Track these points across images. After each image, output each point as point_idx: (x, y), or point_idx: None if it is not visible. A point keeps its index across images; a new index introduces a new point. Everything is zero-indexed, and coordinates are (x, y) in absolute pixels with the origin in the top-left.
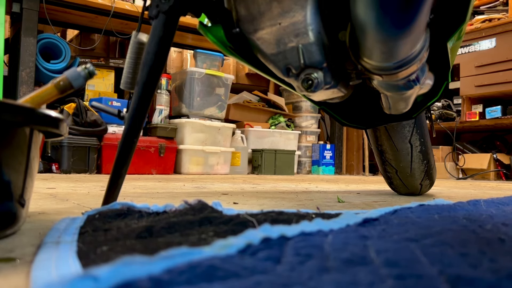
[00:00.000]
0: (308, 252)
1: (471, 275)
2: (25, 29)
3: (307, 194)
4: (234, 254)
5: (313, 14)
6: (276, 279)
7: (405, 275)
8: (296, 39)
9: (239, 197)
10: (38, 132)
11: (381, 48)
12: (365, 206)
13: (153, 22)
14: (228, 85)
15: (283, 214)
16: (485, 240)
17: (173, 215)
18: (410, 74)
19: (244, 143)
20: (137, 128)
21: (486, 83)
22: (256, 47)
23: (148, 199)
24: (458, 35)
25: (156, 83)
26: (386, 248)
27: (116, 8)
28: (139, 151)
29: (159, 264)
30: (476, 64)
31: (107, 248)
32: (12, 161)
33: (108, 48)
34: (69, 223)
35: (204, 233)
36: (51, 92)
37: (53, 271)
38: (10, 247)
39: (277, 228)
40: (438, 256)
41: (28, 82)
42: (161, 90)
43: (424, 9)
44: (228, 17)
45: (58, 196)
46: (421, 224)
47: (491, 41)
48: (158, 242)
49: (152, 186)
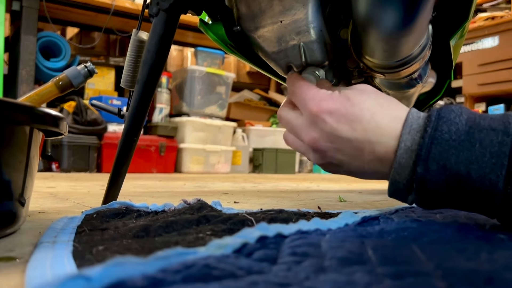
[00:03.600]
0: (305, 251)
1: (467, 267)
2: (25, 27)
3: (309, 193)
4: (230, 254)
5: (315, 12)
6: (272, 279)
7: (402, 273)
8: (298, 37)
9: (240, 196)
10: (38, 131)
11: (383, 46)
12: (367, 205)
13: (153, 20)
14: (229, 83)
15: (282, 212)
16: (485, 238)
17: (171, 214)
18: (413, 72)
19: (245, 142)
20: (138, 127)
21: (489, 82)
22: (257, 45)
23: (148, 198)
24: (461, 33)
25: (157, 81)
26: (384, 247)
27: (116, 6)
28: (140, 150)
29: (154, 264)
30: (479, 63)
31: (103, 248)
32: (12, 160)
33: (108, 46)
34: (66, 222)
35: (202, 232)
36: (51, 91)
37: (48, 271)
38: (10, 246)
39: (273, 227)
40: (435, 252)
41: (28, 81)
42: (162, 88)
43: (426, 7)
44: (229, 15)
45: (58, 195)
46: (421, 223)
47: (494, 39)
48: (155, 242)
49: (153, 185)
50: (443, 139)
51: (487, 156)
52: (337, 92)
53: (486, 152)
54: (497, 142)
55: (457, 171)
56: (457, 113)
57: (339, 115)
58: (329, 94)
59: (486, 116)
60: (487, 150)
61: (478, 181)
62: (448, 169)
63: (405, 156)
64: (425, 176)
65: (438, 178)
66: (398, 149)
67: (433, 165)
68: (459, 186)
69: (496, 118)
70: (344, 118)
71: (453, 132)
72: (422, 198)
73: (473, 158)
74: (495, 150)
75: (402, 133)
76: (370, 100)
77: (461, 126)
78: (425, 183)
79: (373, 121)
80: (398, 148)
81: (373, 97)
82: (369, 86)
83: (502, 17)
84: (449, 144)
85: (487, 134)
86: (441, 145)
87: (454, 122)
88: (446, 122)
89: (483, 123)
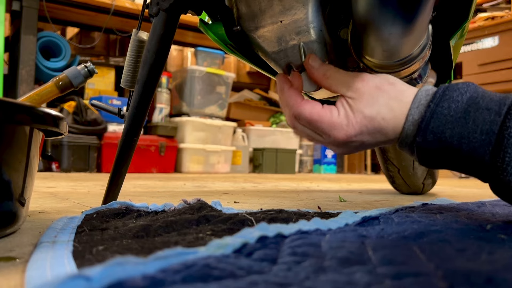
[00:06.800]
0: (305, 251)
1: (468, 268)
2: (25, 27)
3: (309, 193)
4: (230, 254)
5: (315, 12)
6: (272, 279)
7: (402, 274)
8: (298, 36)
9: (240, 196)
10: (38, 131)
11: (383, 46)
12: (367, 205)
13: (153, 20)
14: (229, 83)
15: (282, 212)
16: (485, 238)
17: (171, 214)
18: (413, 72)
19: (245, 141)
20: (138, 127)
21: (489, 82)
22: (257, 45)
23: (148, 198)
24: (461, 33)
25: (157, 81)
26: (384, 247)
27: (116, 6)
28: (140, 150)
29: (153, 264)
30: (479, 63)
31: (103, 248)
32: (12, 160)
33: (108, 46)
34: (66, 222)
35: (202, 232)
36: (51, 91)
37: (47, 271)
38: (10, 246)
39: (274, 227)
40: (435, 253)
41: (28, 81)
42: (162, 88)
43: (426, 7)
44: (229, 15)
45: (58, 195)
46: (422, 223)
47: (494, 39)
48: (155, 242)
49: (153, 185)
50: (442, 114)
51: (477, 132)
52: (351, 115)
53: (477, 129)
54: (489, 121)
55: (451, 143)
56: (461, 91)
57: (365, 134)
58: (345, 122)
59: (488, 96)
60: (479, 127)
61: (468, 154)
62: (443, 141)
63: (411, 128)
64: (422, 144)
65: (434, 147)
66: (406, 122)
67: (430, 136)
68: (452, 155)
69: (495, 99)
70: (368, 135)
71: (452, 108)
72: (422, 159)
73: (465, 134)
74: (486, 128)
75: (411, 107)
76: (382, 99)
77: (461, 104)
78: (423, 150)
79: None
80: (406, 121)
81: (382, 96)
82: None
83: (502, 17)
84: (446, 119)
85: (482, 113)
86: (439, 119)
87: (456, 100)
88: (448, 99)
89: (481, 103)
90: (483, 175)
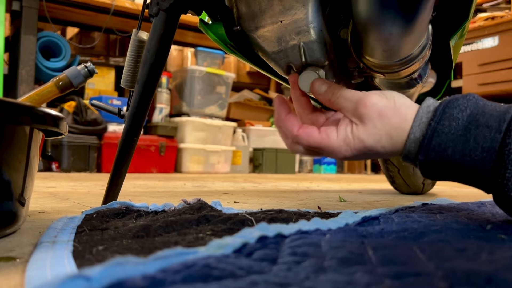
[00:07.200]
0: (305, 251)
1: (468, 268)
2: (25, 27)
3: (309, 193)
4: (230, 254)
5: (315, 12)
6: (272, 279)
7: (402, 274)
8: (298, 37)
9: (240, 196)
10: (38, 131)
11: (383, 46)
12: (367, 205)
13: (153, 20)
14: (229, 83)
15: (282, 212)
16: (485, 238)
17: (171, 214)
18: (413, 72)
19: (245, 141)
20: (138, 127)
21: (489, 82)
22: (257, 45)
23: (148, 198)
24: (461, 33)
25: (157, 81)
26: (384, 247)
27: (116, 6)
28: (140, 150)
29: (153, 264)
30: (479, 63)
31: (103, 248)
32: (12, 160)
33: (108, 46)
34: (66, 222)
35: (202, 232)
36: (51, 91)
37: (47, 271)
38: (10, 246)
39: (274, 227)
40: (435, 253)
41: (28, 81)
42: (162, 88)
43: (426, 7)
44: (229, 15)
45: (58, 195)
46: (422, 223)
47: (494, 39)
48: (155, 242)
49: (153, 185)
50: (443, 133)
51: (478, 150)
52: (351, 140)
53: (478, 147)
54: (490, 138)
55: (453, 160)
56: (461, 108)
57: (363, 155)
58: (344, 147)
59: (488, 112)
60: (479, 145)
61: (469, 170)
62: (445, 158)
63: (413, 146)
64: (425, 162)
65: (436, 163)
66: (408, 140)
67: (432, 154)
68: (454, 170)
69: (495, 115)
70: (366, 156)
71: (453, 126)
72: (425, 173)
73: (467, 151)
74: (487, 146)
75: (413, 125)
76: (384, 129)
77: (461, 121)
78: (426, 165)
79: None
80: (408, 139)
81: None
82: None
83: (502, 17)
84: (447, 138)
85: (482, 130)
86: (440, 137)
87: (456, 117)
88: (449, 117)
89: (481, 120)
90: (486, 188)
